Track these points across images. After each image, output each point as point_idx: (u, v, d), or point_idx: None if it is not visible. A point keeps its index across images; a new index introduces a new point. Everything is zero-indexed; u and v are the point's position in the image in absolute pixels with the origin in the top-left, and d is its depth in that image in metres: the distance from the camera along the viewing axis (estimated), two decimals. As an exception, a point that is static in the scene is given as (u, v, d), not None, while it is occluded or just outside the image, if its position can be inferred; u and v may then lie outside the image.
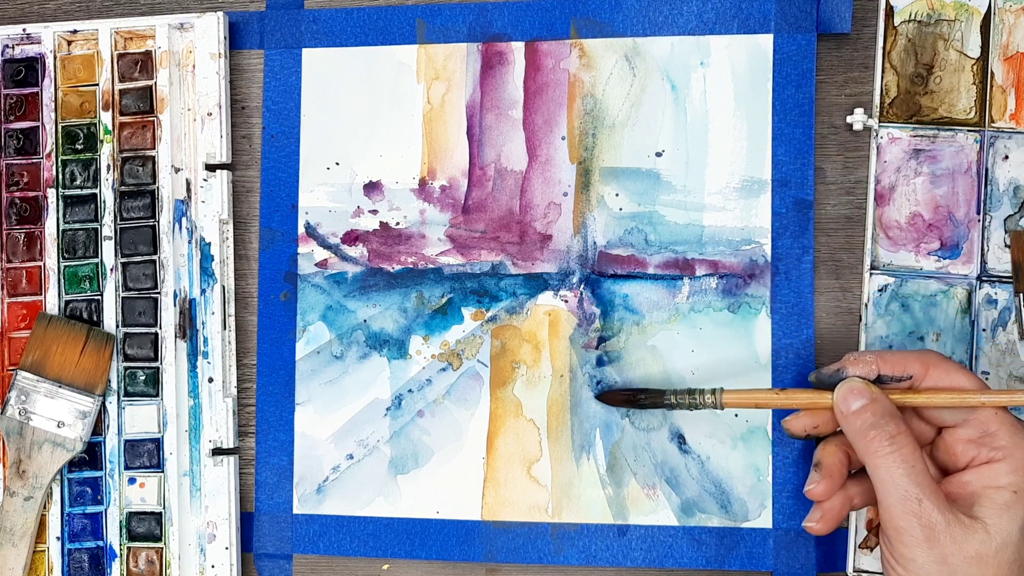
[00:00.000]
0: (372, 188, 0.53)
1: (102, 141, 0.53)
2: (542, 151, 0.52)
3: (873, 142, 0.50)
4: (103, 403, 0.52)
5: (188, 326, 0.52)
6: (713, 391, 0.47)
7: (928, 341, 0.49)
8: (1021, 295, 0.48)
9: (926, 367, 0.44)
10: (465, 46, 0.52)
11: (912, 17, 0.50)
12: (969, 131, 0.49)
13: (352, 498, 0.52)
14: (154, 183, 0.52)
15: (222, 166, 0.52)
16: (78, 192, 0.53)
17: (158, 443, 0.52)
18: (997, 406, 0.43)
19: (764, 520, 0.50)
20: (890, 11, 0.50)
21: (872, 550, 0.49)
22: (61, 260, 0.53)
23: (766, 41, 0.50)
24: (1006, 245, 0.49)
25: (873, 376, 0.44)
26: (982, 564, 0.40)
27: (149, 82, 0.53)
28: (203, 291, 0.52)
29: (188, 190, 0.53)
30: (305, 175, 0.53)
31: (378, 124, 0.53)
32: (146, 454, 0.52)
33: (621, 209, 0.51)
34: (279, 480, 0.52)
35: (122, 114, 0.53)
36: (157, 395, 0.52)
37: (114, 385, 0.52)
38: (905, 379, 0.44)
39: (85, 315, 0.52)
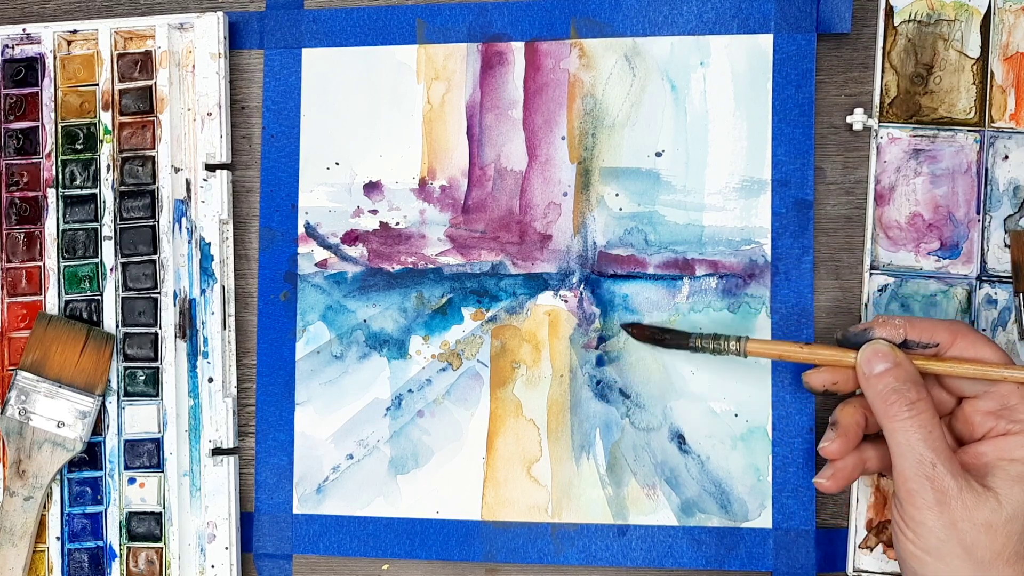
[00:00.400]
0: (372, 188, 0.53)
1: (102, 141, 0.53)
2: (542, 151, 0.52)
3: (873, 142, 0.50)
4: (103, 403, 0.52)
5: (188, 326, 0.52)
6: (738, 339, 0.47)
7: (928, 341, 0.49)
8: (1021, 295, 0.48)
9: (954, 336, 0.44)
10: (465, 46, 0.52)
11: (912, 17, 0.50)
12: (969, 131, 0.49)
13: (352, 498, 0.52)
14: (154, 183, 0.52)
15: (222, 166, 0.52)
16: (78, 192, 0.53)
17: (158, 443, 0.52)
18: (1020, 381, 0.43)
19: (764, 520, 0.50)
20: (890, 11, 0.50)
21: (872, 550, 0.49)
22: (61, 260, 0.52)
23: (766, 41, 0.50)
24: (1006, 245, 0.49)
25: (900, 340, 0.44)
26: (991, 532, 0.40)
27: (149, 82, 0.53)
28: (203, 291, 0.52)
29: (188, 190, 0.53)
30: (305, 175, 0.53)
31: (378, 124, 0.53)
32: (146, 454, 0.52)
33: (621, 209, 0.51)
34: (279, 480, 0.52)
35: (122, 114, 0.53)
36: (157, 395, 0.52)
37: (114, 385, 0.52)
38: (931, 346, 0.44)
39: (85, 315, 0.52)
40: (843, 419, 0.45)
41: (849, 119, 0.50)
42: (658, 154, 0.51)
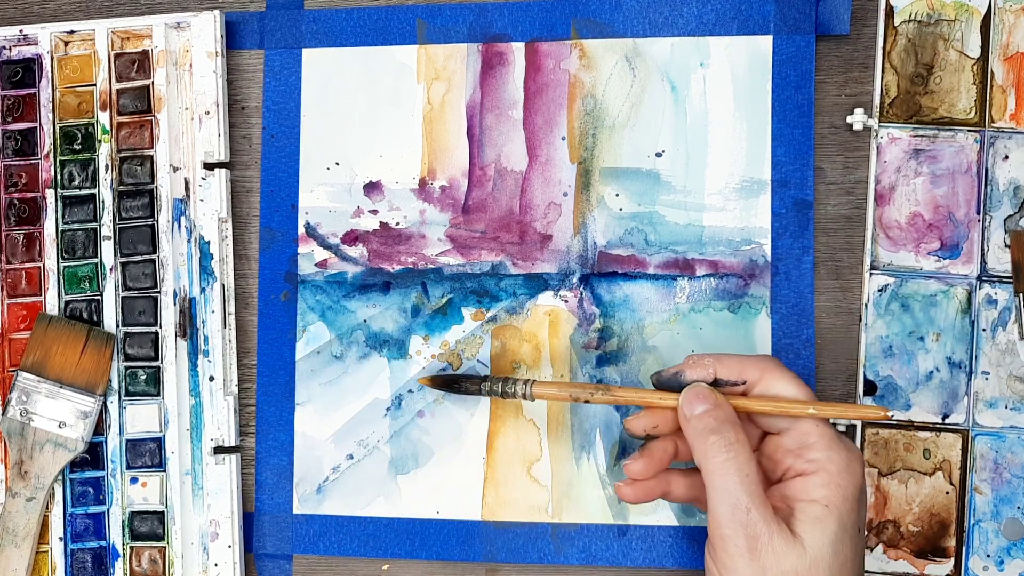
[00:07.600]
0: (372, 188, 0.53)
1: (100, 141, 0.52)
2: (542, 151, 0.52)
3: (873, 142, 0.50)
4: (104, 403, 0.52)
5: (188, 325, 0.52)
6: (525, 381, 0.47)
7: (928, 341, 0.49)
8: (1021, 295, 0.48)
9: (761, 373, 0.43)
10: (465, 46, 0.52)
11: (912, 17, 0.50)
12: (969, 131, 0.49)
13: (352, 498, 0.52)
14: (152, 182, 0.52)
15: (220, 165, 0.52)
16: (77, 192, 0.53)
17: (159, 442, 0.52)
18: (818, 418, 0.42)
19: (763, 519, 0.50)
20: (890, 11, 0.50)
21: (872, 550, 0.49)
22: (60, 260, 0.52)
23: (765, 42, 0.50)
24: (1006, 245, 0.49)
25: (710, 380, 0.44)
26: None
27: (146, 81, 0.52)
28: (203, 289, 0.52)
29: (187, 189, 0.52)
30: (305, 175, 0.53)
31: (378, 124, 0.53)
32: (148, 453, 0.52)
33: (621, 209, 0.51)
34: (279, 480, 0.53)
35: (120, 114, 0.53)
36: (158, 394, 0.52)
37: (115, 385, 0.52)
38: (739, 384, 0.44)
39: (85, 315, 0.52)
40: (653, 444, 0.45)
41: (849, 119, 0.50)
42: (658, 154, 0.51)
